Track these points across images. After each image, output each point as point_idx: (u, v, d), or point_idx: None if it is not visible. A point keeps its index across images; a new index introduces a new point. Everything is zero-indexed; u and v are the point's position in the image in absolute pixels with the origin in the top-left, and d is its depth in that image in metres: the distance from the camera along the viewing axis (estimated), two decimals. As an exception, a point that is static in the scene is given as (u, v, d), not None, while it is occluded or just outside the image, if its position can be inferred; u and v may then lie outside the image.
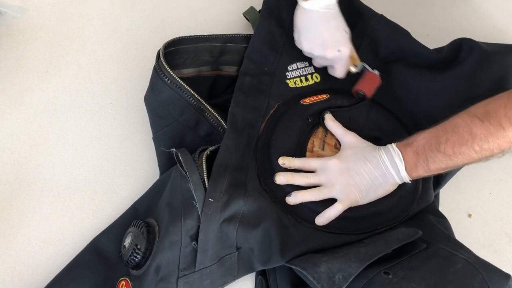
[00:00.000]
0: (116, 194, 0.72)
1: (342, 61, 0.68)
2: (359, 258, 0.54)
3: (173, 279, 0.57)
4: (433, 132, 0.58)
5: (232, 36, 0.74)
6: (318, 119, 0.67)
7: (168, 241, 0.58)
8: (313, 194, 0.62)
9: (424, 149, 0.57)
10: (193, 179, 0.58)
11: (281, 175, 0.63)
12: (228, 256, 0.59)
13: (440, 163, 0.57)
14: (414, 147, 0.58)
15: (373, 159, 0.61)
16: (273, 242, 0.58)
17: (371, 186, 0.61)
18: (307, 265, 0.54)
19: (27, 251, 0.68)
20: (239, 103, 0.67)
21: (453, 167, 0.58)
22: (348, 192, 0.61)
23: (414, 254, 0.55)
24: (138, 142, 0.75)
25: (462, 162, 0.56)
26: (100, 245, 0.66)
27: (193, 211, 0.58)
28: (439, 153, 0.56)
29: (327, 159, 0.63)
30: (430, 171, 0.58)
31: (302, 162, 0.64)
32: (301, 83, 0.71)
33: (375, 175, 0.60)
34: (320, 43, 0.67)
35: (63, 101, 0.77)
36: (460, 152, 0.55)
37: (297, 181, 0.63)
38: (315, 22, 0.67)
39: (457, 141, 0.55)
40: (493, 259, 0.56)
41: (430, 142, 0.57)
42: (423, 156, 0.57)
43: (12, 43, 0.79)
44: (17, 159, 0.73)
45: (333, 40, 0.66)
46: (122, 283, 0.61)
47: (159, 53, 0.67)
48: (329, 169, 0.62)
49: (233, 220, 0.58)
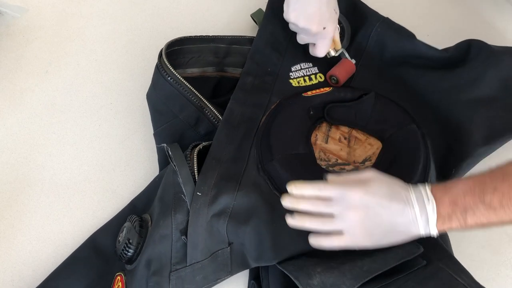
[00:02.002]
0: (116, 194, 0.72)
1: (325, 40, 0.67)
2: (354, 274, 0.50)
3: (165, 273, 0.57)
4: (479, 179, 0.49)
5: (238, 38, 0.74)
6: (321, 113, 0.67)
7: (159, 235, 0.58)
8: (315, 225, 0.53)
9: (465, 199, 0.48)
10: (182, 173, 0.58)
11: (287, 199, 0.53)
12: (220, 251, 0.58)
13: (482, 216, 0.47)
14: (453, 195, 0.49)
15: (400, 202, 0.50)
16: (264, 239, 0.57)
17: (387, 233, 0.51)
18: (301, 274, 0.52)
19: (27, 251, 0.68)
20: (239, 100, 0.67)
21: (496, 225, 0.48)
22: (357, 235, 0.51)
23: (412, 271, 0.51)
24: (138, 142, 0.75)
25: (509, 219, 0.47)
26: (98, 241, 0.66)
27: (183, 205, 0.58)
28: (483, 204, 0.47)
29: (349, 189, 0.51)
30: (466, 226, 0.48)
31: (316, 190, 0.53)
32: (304, 83, 0.71)
33: (396, 222, 0.50)
34: (307, 16, 0.65)
35: (63, 101, 0.77)
36: (509, 206, 0.46)
37: (304, 208, 0.53)
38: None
39: (508, 192, 0.46)
40: (493, 259, 0.55)
41: (473, 191, 0.48)
42: (462, 207, 0.48)
43: (12, 43, 0.79)
44: (17, 159, 0.73)
45: (321, 15, 0.65)
46: (117, 278, 0.62)
47: (161, 51, 0.67)
48: (347, 201, 0.51)
49: (223, 215, 0.58)
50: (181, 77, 0.66)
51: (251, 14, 0.80)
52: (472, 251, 0.68)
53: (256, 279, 0.65)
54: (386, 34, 0.73)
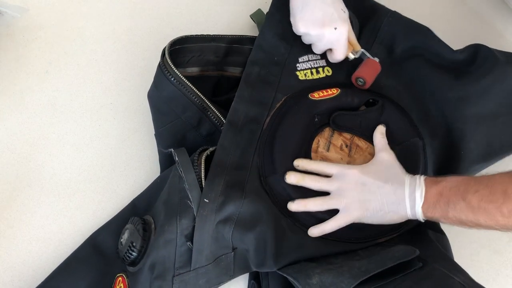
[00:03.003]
0: (116, 194, 0.72)
1: (340, 43, 0.65)
2: (352, 273, 0.52)
3: (169, 277, 0.57)
4: (466, 179, 0.54)
5: (239, 37, 0.73)
6: (326, 119, 0.65)
7: (163, 240, 0.58)
8: (317, 204, 0.59)
9: (450, 192, 0.54)
10: (189, 180, 0.58)
11: (293, 175, 0.60)
12: (224, 256, 0.58)
13: (461, 213, 0.52)
14: (440, 187, 0.55)
15: (394, 183, 0.57)
16: (268, 245, 0.57)
17: (380, 210, 0.57)
18: (300, 275, 0.54)
19: (27, 251, 0.68)
20: (243, 98, 0.66)
21: (472, 225, 0.53)
22: (354, 208, 0.58)
23: (409, 273, 0.53)
24: (138, 142, 0.75)
25: (484, 222, 0.52)
26: (98, 240, 0.66)
27: (189, 211, 0.58)
28: (463, 201, 0.52)
29: (348, 167, 0.60)
30: (447, 218, 0.54)
31: (320, 166, 0.61)
32: (311, 76, 0.69)
33: (388, 200, 0.57)
34: (316, 20, 0.63)
35: (63, 101, 0.77)
36: (486, 209, 0.51)
37: (307, 184, 0.60)
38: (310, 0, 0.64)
39: (487, 196, 0.51)
40: (493, 259, 0.56)
41: (458, 187, 0.53)
42: (445, 199, 0.54)
43: (12, 43, 0.79)
44: (17, 159, 0.73)
45: (329, 17, 0.63)
46: (119, 279, 0.62)
47: (164, 51, 0.66)
48: (346, 178, 0.59)
49: (229, 221, 0.58)
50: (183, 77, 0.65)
51: (251, 15, 0.80)
52: (472, 251, 0.68)
53: (256, 279, 0.65)
54: (397, 27, 0.71)
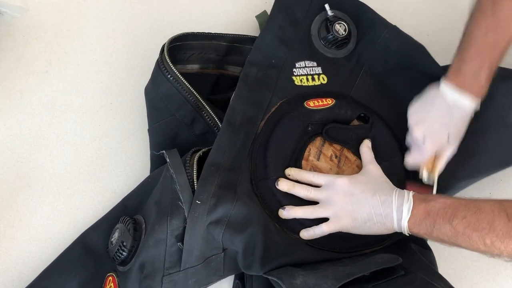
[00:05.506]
0: (116, 194, 0.72)
1: (421, 152, 0.65)
2: (336, 276, 0.53)
3: (158, 277, 0.57)
4: (456, 203, 0.55)
5: (239, 37, 0.73)
6: (319, 129, 0.67)
7: (153, 239, 0.58)
8: (306, 212, 0.61)
9: (438, 213, 0.55)
10: (180, 181, 0.58)
11: (284, 182, 0.61)
12: (214, 257, 0.59)
13: (444, 235, 0.54)
14: (429, 206, 0.56)
15: (381, 195, 0.58)
16: (256, 249, 0.58)
17: (368, 221, 0.58)
18: (284, 276, 0.54)
19: (27, 251, 0.68)
20: (241, 96, 0.66)
21: (452, 245, 0.55)
22: (343, 215, 0.59)
23: (391, 279, 0.55)
24: (138, 142, 0.75)
25: (465, 246, 0.54)
26: (88, 239, 0.66)
27: (180, 211, 0.58)
28: (449, 225, 0.53)
29: (337, 177, 0.61)
30: (430, 236, 0.56)
31: (311, 176, 0.62)
32: (307, 82, 0.70)
33: (376, 212, 0.58)
34: (432, 133, 0.64)
35: (63, 101, 0.77)
36: (469, 236, 0.52)
37: (297, 192, 0.61)
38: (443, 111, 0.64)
39: (473, 224, 0.52)
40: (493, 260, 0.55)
41: (446, 211, 0.54)
42: (432, 219, 0.55)
43: (12, 43, 0.79)
44: (17, 159, 0.73)
45: (441, 136, 0.64)
46: (109, 278, 0.62)
47: (163, 47, 0.66)
48: (335, 187, 0.60)
49: (220, 223, 0.58)
50: (180, 73, 0.65)
51: (256, 16, 0.79)
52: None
53: (241, 279, 0.66)
54: (394, 41, 0.72)
